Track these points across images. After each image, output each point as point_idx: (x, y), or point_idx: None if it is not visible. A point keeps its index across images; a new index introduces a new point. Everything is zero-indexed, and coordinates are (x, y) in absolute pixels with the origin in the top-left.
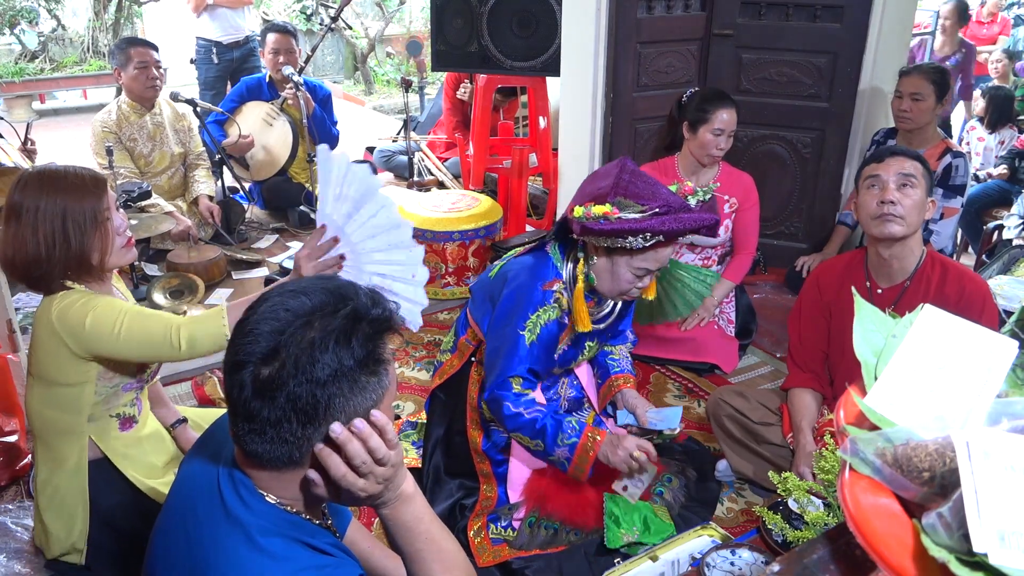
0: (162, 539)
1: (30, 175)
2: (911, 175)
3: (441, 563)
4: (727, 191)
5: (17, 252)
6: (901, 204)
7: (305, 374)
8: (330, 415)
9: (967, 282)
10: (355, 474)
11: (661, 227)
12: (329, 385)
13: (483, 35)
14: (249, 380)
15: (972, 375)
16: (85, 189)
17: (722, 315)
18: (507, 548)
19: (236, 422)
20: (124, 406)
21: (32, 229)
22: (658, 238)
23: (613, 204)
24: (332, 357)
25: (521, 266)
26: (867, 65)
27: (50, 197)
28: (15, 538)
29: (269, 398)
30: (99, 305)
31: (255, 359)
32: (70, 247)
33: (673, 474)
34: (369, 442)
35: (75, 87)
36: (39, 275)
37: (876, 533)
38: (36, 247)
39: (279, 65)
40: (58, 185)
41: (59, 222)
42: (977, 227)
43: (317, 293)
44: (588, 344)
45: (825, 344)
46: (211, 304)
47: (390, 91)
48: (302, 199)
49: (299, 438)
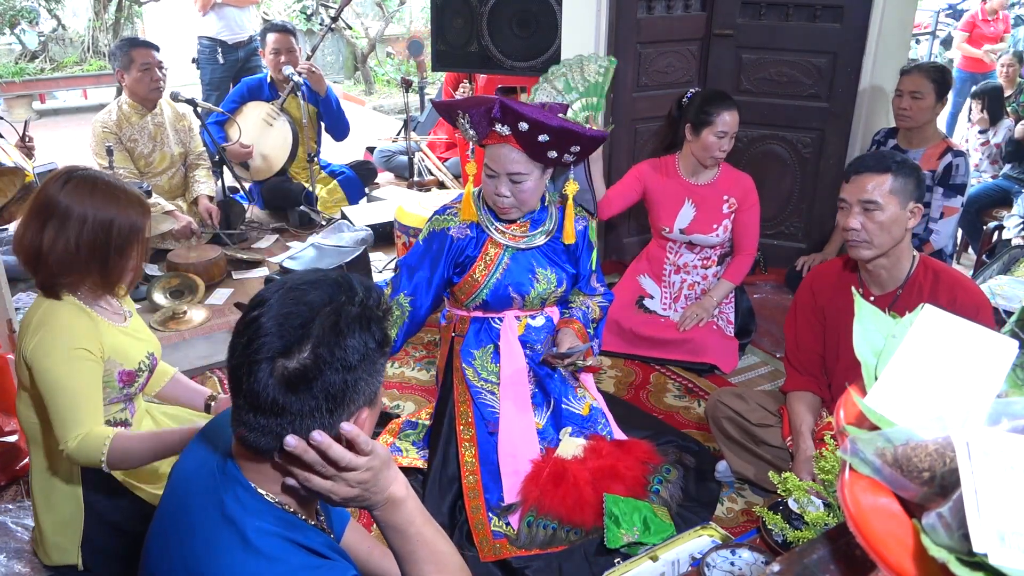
0: (157, 540)
1: (80, 179)
2: (872, 200)
3: (434, 564)
4: (726, 191)
5: (52, 251)
6: (864, 229)
7: (341, 361)
8: (353, 399)
9: (959, 291)
10: (319, 477)
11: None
12: (357, 370)
13: (483, 35)
14: (275, 376)
15: (972, 375)
16: (134, 207)
17: (721, 315)
18: (507, 544)
19: (256, 419)
20: (114, 413)
21: (77, 234)
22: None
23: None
24: (359, 342)
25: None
26: (867, 65)
27: (101, 207)
28: (15, 538)
29: (303, 389)
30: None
31: (274, 354)
32: (107, 260)
33: (671, 464)
34: (329, 452)
35: (75, 87)
36: (64, 279)
37: (876, 533)
38: (76, 252)
39: (280, 65)
40: (110, 197)
41: (103, 234)
42: (977, 227)
43: (323, 286)
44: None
45: (821, 347)
46: (211, 304)
47: (390, 91)
48: (302, 199)
49: (326, 426)
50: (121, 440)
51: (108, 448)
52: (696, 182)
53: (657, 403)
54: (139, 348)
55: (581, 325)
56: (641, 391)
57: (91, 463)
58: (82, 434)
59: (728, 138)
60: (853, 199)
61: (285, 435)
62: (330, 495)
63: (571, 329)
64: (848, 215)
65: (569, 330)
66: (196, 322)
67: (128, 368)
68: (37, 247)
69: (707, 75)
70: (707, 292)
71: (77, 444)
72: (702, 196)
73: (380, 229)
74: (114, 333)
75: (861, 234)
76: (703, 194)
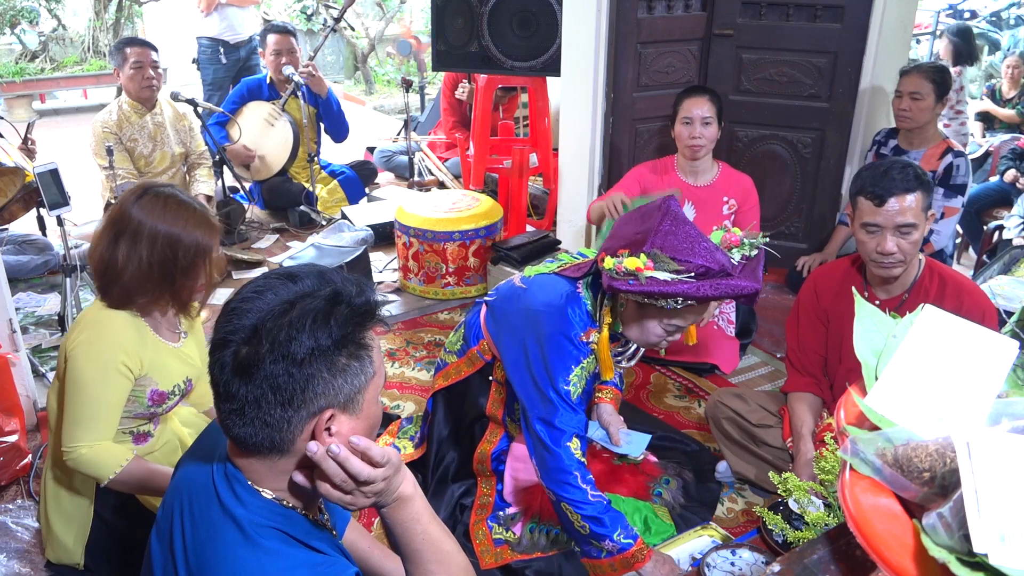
0: (159, 540)
1: (154, 195)
2: (910, 224)
3: (439, 563)
4: (726, 192)
5: (127, 269)
6: (900, 250)
7: (281, 351)
8: (311, 398)
9: (965, 296)
10: (339, 491)
11: (695, 293)
12: (306, 365)
13: (483, 35)
14: (229, 359)
15: (972, 375)
16: (202, 226)
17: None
18: (508, 550)
19: (218, 403)
20: (138, 425)
21: (148, 251)
22: (691, 302)
23: (648, 256)
24: (309, 336)
25: (549, 308)
26: (867, 65)
27: (170, 224)
28: (15, 538)
29: (247, 376)
30: (100, 343)
31: (238, 339)
32: (174, 279)
33: (671, 475)
34: (347, 465)
35: (75, 87)
36: (140, 299)
37: (876, 533)
38: (149, 271)
39: (280, 66)
40: (179, 215)
41: (171, 251)
42: (977, 227)
43: (306, 278)
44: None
45: (823, 349)
46: (212, 304)
47: (390, 91)
48: (302, 199)
49: (279, 420)
50: (136, 464)
51: (123, 469)
52: (695, 184)
53: (657, 403)
54: (180, 371)
55: (618, 393)
56: (641, 391)
57: (95, 475)
58: (95, 444)
59: (698, 124)
60: (889, 224)
61: (241, 422)
62: (348, 507)
63: (612, 407)
64: (882, 240)
65: (609, 407)
66: None
67: (162, 389)
68: (110, 263)
69: (707, 75)
70: None
71: (91, 452)
72: (702, 198)
73: (380, 229)
74: (161, 350)
75: (897, 256)
76: (703, 196)
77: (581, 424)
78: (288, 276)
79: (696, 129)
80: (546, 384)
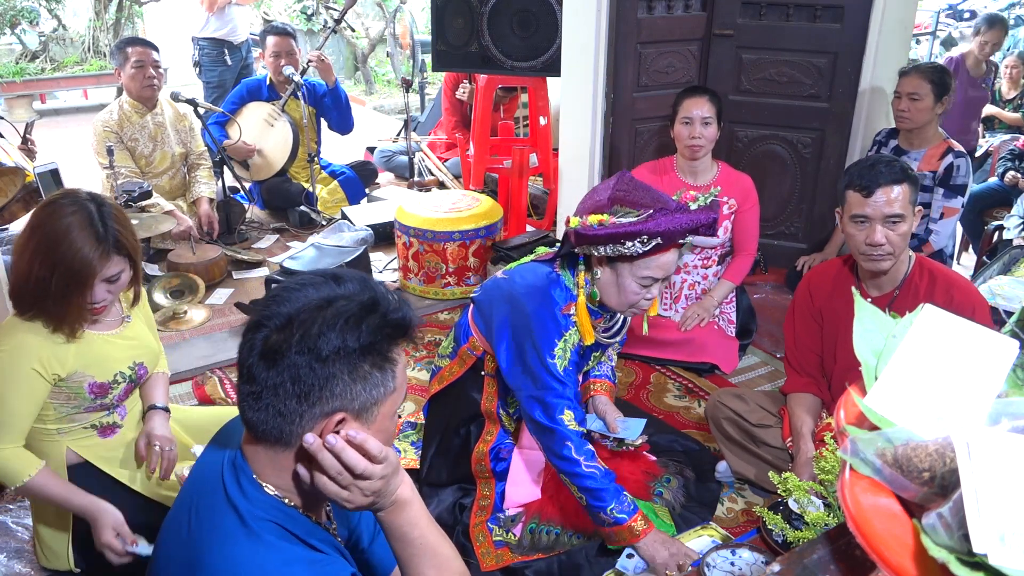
0: (167, 531)
1: (56, 204)
2: (897, 214)
3: (436, 568)
4: (727, 192)
5: (27, 277)
6: (889, 242)
7: (308, 344)
8: (327, 397)
9: (955, 291)
10: (336, 485)
11: (657, 228)
12: (329, 363)
13: (483, 35)
14: (260, 342)
15: (972, 375)
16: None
17: (722, 315)
18: (509, 552)
19: (239, 384)
20: (100, 418)
21: (33, 255)
22: (656, 240)
23: (610, 213)
24: (338, 335)
25: (530, 289)
26: (867, 65)
27: (56, 232)
28: (15, 538)
29: (271, 362)
30: (5, 351)
31: (272, 325)
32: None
33: (672, 474)
34: (343, 456)
35: (76, 87)
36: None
37: (876, 533)
38: (30, 273)
39: (280, 67)
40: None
41: (47, 270)
42: (977, 227)
43: (349, 282)
44: (593, 355)
45: (819, 348)
46: (212, 304)
47: (391, 91)
48: (302, 199)
49: (292, 412)
50: (44, 476)
51: (31, 479)
52: (695, 184)
53: (657, 403)
54: (123, 357)
55: (611, 385)
56: (641, 391)
57: (7, 479)
58: (5, 448)
59: (697, 124)
60: (877, 215)
61: (256, 406)
62: (345, 504)
63: (607, 397)
64: (871, 231)
65: (604, 398)
66: (196, 322)
67: (100, 380)
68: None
69: (707, 75)
70: (708, 292)
71: (1, 456)
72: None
73: (380, 229)
74: (94, 342)
75: (886, 247)
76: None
77: (572, 397)
78: (334, 277)
79: (696, 129)
80: (535, 360)
